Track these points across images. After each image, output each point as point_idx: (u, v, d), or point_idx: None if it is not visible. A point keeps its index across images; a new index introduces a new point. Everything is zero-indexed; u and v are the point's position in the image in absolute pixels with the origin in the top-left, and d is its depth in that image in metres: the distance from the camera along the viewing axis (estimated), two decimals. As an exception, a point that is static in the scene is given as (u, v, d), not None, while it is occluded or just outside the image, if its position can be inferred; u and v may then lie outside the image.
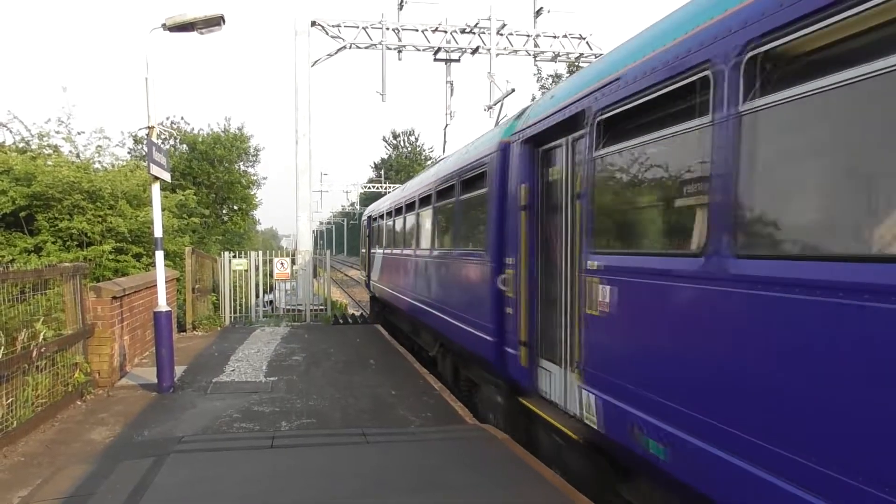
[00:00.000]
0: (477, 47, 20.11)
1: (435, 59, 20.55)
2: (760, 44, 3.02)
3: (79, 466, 5.50)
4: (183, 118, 36.51)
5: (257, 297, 16.39)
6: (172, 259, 14.74)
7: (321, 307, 17.10)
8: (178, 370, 9.30)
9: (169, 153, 14.16)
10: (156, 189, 8.59)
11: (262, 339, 13.04)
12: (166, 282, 8.88)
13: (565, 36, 20.75)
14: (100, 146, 15.01)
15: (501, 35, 20.23)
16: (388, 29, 19.51)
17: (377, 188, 58.13)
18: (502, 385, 6.83)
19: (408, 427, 6.91)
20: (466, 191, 8.12)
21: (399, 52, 20.00)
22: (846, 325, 2.54)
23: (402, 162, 68.24)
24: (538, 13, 20.61)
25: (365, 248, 19.84)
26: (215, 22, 8.24)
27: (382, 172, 67.06)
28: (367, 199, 55.01)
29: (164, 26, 8.08)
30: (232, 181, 26.08)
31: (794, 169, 3.01)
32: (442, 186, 9.35)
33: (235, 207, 27.45)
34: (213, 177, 25.27)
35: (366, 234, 19.59)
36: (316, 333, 13.95)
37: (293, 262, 17.46)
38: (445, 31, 19.91)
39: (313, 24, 18.79)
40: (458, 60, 20.56)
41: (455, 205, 8.59)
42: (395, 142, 71.92)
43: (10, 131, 14.70)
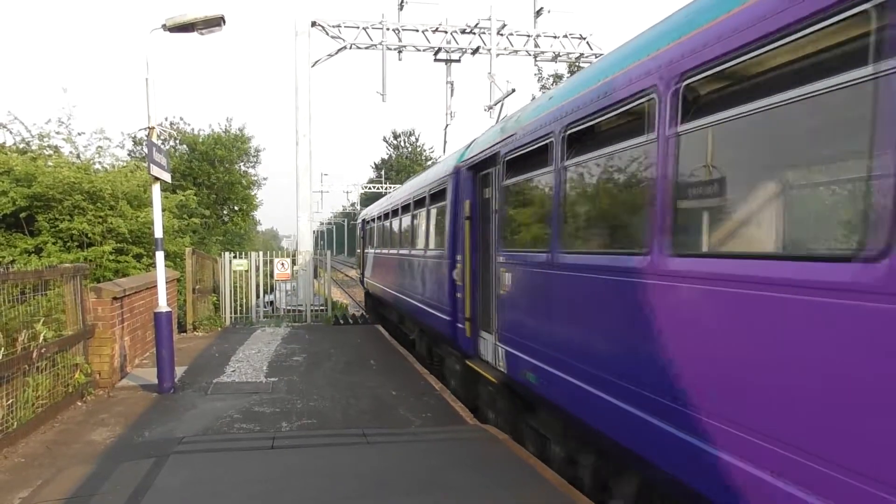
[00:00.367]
0: (477, 47, 20.10)
1: (435, 60, 20.54)
2: (570, 129, 4.94)
3: (79, 467, 5.49)
4: (182, 119, 36.59)
5: (258, 297, 16.39)
6: (173, 260, 14.74)
7: (322, 308, 17.10)
8: (179, 371, 9.30)
9: (169, 154, 14.16)
10: (156, 190, 8.59)
11: (263, 339, 13.04)
12: (167, 282, 8.88)
13: (566, 36, 20.74)
14: (100, 147, 15.01)
15: (502, 35, 20.21)
16: (388, 29, 19.50)
17: (377, 188, 58.08)
18: (457, 354, 8.46)
19: (408, 427, 6.91)
20: (433, 203, 9.93)
21: (399, 52, 19.98)
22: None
23: (403, 162, 68.11)
24: (538, 13, 20.59)
25: (359, 248, 22.08)
26: (215, 22, 8.24)
27: (383, 173, 67.00)
28: (368, 199, 54.87)
29: (164, 27, 8.08)
30: (232, 182, 26.07)
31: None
32: (417, 197, 11.19)
33: (236, 208, 27.45)
34: (213, 177, 25.26)
35: (360, 236, 21.78)
36: (316, 334, 13.95)
37: (294, 262, 17.46)
38: (446, 32, 19.90)
39: (313, 24, 18.78)
40: (458, 61, 20.55)
41: (426, 213, 10.45)
42: (395, 142, 71.77)
43: (11, 132, 14.71)
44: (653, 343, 3.72)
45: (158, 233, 8.49)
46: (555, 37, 20.70)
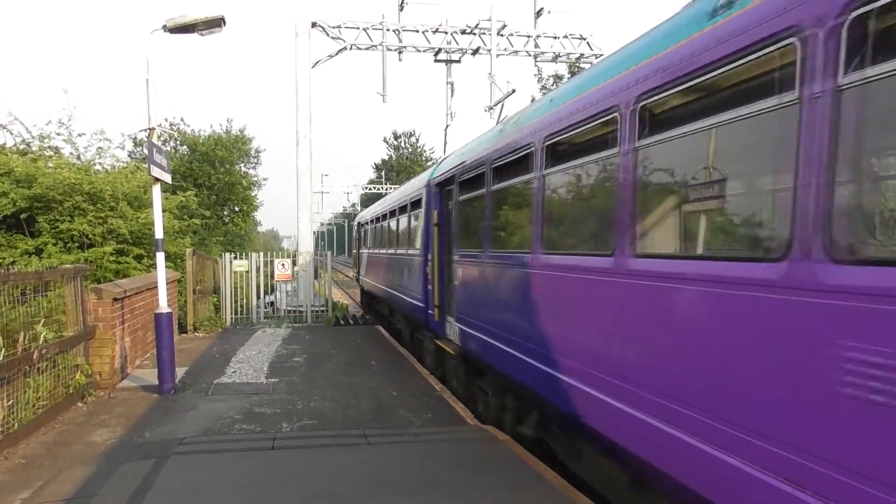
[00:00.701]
0: (477, 48, 20.09)
1: (435, 60, 20.52)
2: (495, 162, 6.76)
3: (80, 468, 5.50)
4: (183, 119, 36.58)
5: (258, 298, 16.40)
6: (173, 260, 14.73)
7: (322, 308, 17.11)
8: (180, 372, 9.31)
9: (169, 155, 14.16)
10: (156, 190, 8.59)
11: (263, 340, 13.05)
12: (167, 283, 8.88)
13: (566, 36, 20.71)
14: (100, 148, 14.99)
15: (502, 36, 20.19)
16: (388, 30, 19.48)
17: (378, 189, 58.06)
18: (430, 336, 10.18)
19: (409, 428, 6.91)
20: (413, 210, 11.75)
21: (399, 53, 19.96)
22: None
23: (403, 163, 68.07)
24: (538, 14, 20.56)
25: (356, 248, 24.60)
26: (216, 23, 8.25)
27: (383, 173, 66.98)
28: (368, 199, 54.78)
29: (164, 28, 8.08)
30: (233, 182, 26.04)
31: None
32: (401, 205, 13.06)
33: (236, 209, 27.42)
34: (213, 178, 25.23)
35: (356, 237, 24.19)
36: (317, 334, 13.96)
37: (294, 263, 17.47)
38: (446, 32, 19.89)
39: (314, 25, 18.77)
40: (458, 61, 20.53)
41: (408, 219, 12.27)
42: (395, 143, 71.71)
43: (11, 133, 14.67)
44: (530, 310, 5.52)
45: (159, 234, 8.50)
46: (555, 37, 20.67)
